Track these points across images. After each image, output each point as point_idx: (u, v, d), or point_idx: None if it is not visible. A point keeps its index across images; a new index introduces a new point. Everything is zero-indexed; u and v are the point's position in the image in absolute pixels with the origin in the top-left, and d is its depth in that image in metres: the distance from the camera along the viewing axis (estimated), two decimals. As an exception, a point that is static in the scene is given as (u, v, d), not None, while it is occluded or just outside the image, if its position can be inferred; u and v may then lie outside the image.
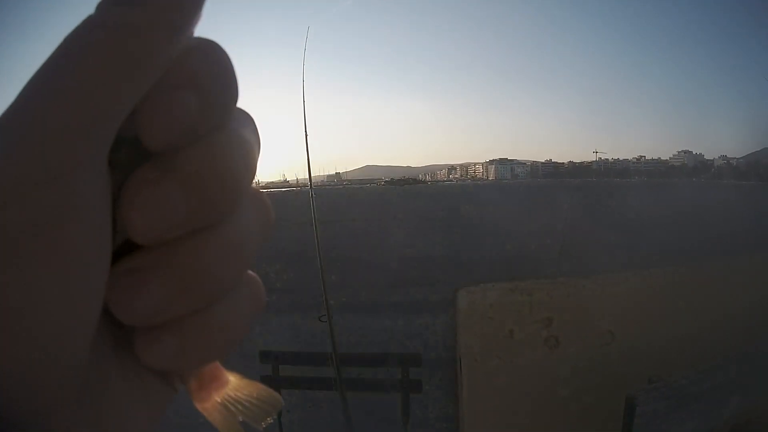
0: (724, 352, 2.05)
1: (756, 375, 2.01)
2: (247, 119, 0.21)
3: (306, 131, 2.41)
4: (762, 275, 2.46)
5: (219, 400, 0.26)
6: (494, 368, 2.31)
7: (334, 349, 2.21)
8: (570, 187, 2.92)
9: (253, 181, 0.21)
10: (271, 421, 0.28)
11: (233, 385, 0.27)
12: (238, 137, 0.20)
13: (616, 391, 1.88)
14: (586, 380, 2.32)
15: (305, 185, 2.54)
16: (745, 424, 2.01)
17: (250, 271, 0.23)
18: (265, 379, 2.31)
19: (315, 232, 2.30)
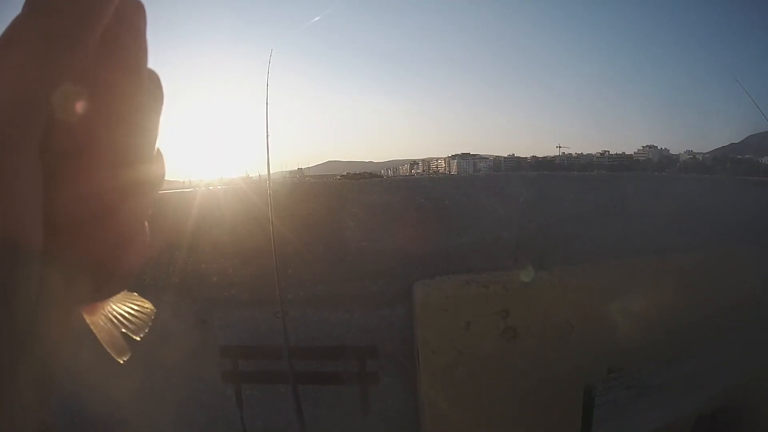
0: (686, 344, 2.09)
1: (720, 366, 2.05)
2: None
3: (267, 126, 2.39)
4: (723, 269, 2.50)
5: (105, 313, 0.27)
6: (452, 360, 2.32)
7: (286, 342, 2.20)
8: (525, 180, 2.94)
9: None
10: (147, 330, 0.30)
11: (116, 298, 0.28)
12: None
13: (576, 382, 1.90)
14: (546, 372, 2.34)
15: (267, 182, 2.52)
16: (711, 414, 2.06)
17: None
18: (225, 375, 2.29)
19: (271, 228, 2.28)
